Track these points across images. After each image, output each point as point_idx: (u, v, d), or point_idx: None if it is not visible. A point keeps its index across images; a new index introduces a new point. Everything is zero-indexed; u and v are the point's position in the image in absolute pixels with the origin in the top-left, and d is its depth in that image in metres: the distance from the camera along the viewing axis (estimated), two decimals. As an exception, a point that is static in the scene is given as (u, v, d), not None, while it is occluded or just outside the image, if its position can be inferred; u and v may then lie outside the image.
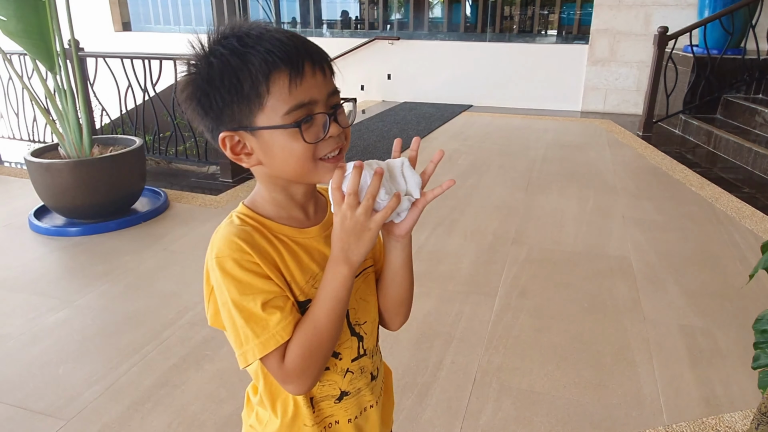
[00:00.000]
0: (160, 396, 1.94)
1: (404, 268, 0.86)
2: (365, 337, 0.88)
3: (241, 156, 0.76)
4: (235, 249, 0.73)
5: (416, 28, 8.57)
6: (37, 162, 3.21)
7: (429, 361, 2.12)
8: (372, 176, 0.71)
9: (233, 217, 0.79)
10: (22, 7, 2.99)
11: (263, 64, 0.69)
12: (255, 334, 0.72)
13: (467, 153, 5.14)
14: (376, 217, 0.72)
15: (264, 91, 0.70)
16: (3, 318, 2.44)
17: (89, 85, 4.51)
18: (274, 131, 0.72)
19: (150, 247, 3.13)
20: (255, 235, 0.76)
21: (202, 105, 0.73)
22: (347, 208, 0.71)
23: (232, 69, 0.70)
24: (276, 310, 0.73)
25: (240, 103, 0.71)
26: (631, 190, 4.03)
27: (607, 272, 2.81)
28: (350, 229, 0.72)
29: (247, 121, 0.72)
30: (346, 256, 0.73)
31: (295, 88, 0.70)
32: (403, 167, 0.77)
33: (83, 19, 8.94)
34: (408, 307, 0.92)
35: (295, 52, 0.71)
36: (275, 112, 0.71)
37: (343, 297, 0.75)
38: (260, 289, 0.73)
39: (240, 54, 0.70)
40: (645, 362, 2.11)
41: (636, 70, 6.81)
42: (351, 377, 0.87)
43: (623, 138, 5.65)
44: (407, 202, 0.77)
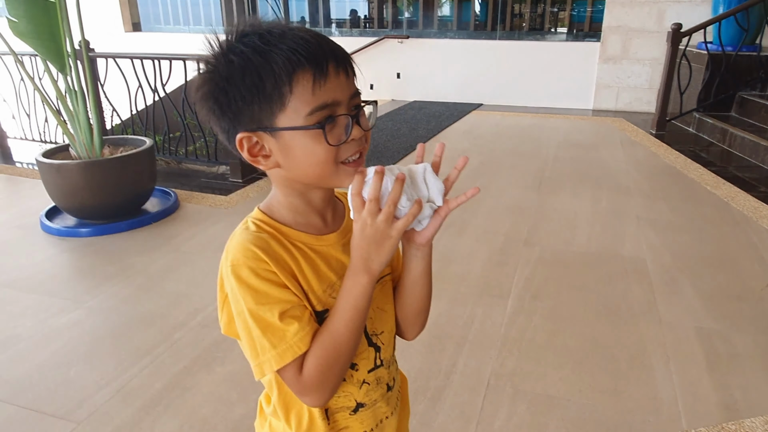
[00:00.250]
0: (171, 399, 1.93)
1: (424, 277, 0.84)
2: (382, 348, 0.86)
3: (259, 158, 0.73)
4: (251, 257, 0.71)
5: (426, 26, 8.53)
6: (48, 163, 3.21)
7: (441, 365, 2.09)
8: (393, 182, 0.69)
9: (249, 223, 0.77)
10: (33, 8, 2.99)
11: (287, 62, 0.67)
12: (272, 344, 0.70)
13: (478, 152, 5.10)
14: (397, 225, 0.70)
15: (287, 91, 0.67)
16: (15, 319, 2.44)
17: (100, 85, 4.52)
18: (295, 133, 0.69)
19: (160, 248, 3.12)
20: (271, 242, 0.73)
21: (220, 104, 0.71)
22: (368, 215, 0.69)
23: (253, 67, 0.67)
24: (294, 321, 0.70)
25: (261, 102, 0.68)
26: (645, 190, 3.98)
27: (621, 274, 2.76)
28: (371, 237, 0.70)
29: (268, 122, 0.70)
30: (366, 265, 0.71)
31: (318, 88, 0.68)
32: (425, 173, 0.75)
33: (93, 19, 9.00)
34: (426, 316, 0.90)
35: (319, 51, 0.68)
36: (297, 112, 0.68)
37: (362, 307, 0.72)
38: (277, 298, 0.70)
39: (262, 52, 0.67)
40: (662, 366, 2.07)
41: (649, 67, 6.73)
42: (367, 388, 0.84)
43: (636, 137, 5.59)
44: (429, 209, 0.74)
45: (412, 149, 5.18)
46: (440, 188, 0.75)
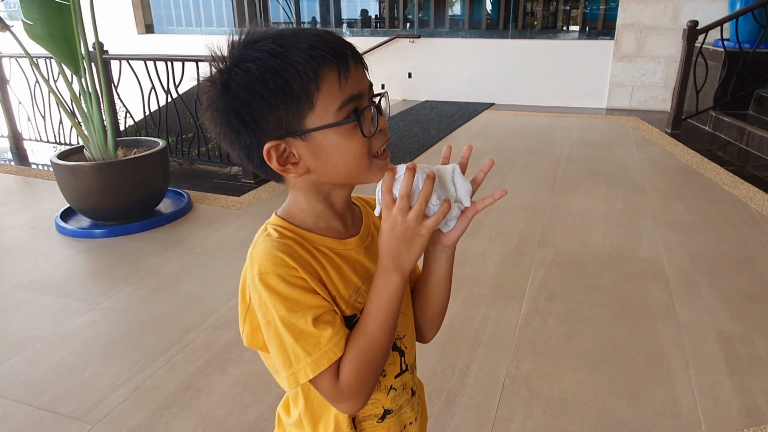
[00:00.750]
0: (184, 400, 1.93)
1: (446, 279, 0.83)
2: (406, 352, 0.85)
3: (288, 166, 0.71)
4: (279, 264, 0.68)
5: (437, 25, 8.50)
6: (63, 164, 3.24)
7: (456, 367, 2.07)
8: (424, 180, 0.69)
9: (269, 230, 0.74)
10: (48, 11, 3.02)
11: (310, 60, 0.65)
12: (306, 352, 0.68)
13: (490, 152, 5.06)
14: (427, 223, 0.69)
15: (314, 89, 0.66)
16: (31, 320, 2.46)
17: (113, 87, 4.55)
18: (326, 132, 0.68)
19: (174, 249, 3.13)
20: (296, 247, 0.71)
21: (241, 116, 0.68)
22: (398, 212, 0.68)
23: (274, 71, 0.65)
24: (327, 326, 0.69)
25: (288, 105, 0.66)
26: (661, 190, 3.92)
27: (638, 275, 2.72)
28: (401, 235, 0.69)
29: (297, 125, 0.68)
30: (396, 263, 0.70)
31: (344, 82, 0.67)
32: (454, 174, 0.75)
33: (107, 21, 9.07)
34: (443, 318, 0.89)
35: (338, 45, 0.68)
36: (327, 110, 0.67)
37: (395, 307, 0.71)
38: (309, 304, 0.69)
39: (279, 55, 0.65)
40: (681, 370, 2.03)
41: (664, 65, 6.65)
42: (394, 394, 0.83)
43: (651, 135, 5.52)
44: (457, 209, 0.74)
45: (424, 149, 5.16)
46: (468, 189, 0.75)
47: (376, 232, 0.81)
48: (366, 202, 0.87)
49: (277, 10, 9.89)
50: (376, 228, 0.82)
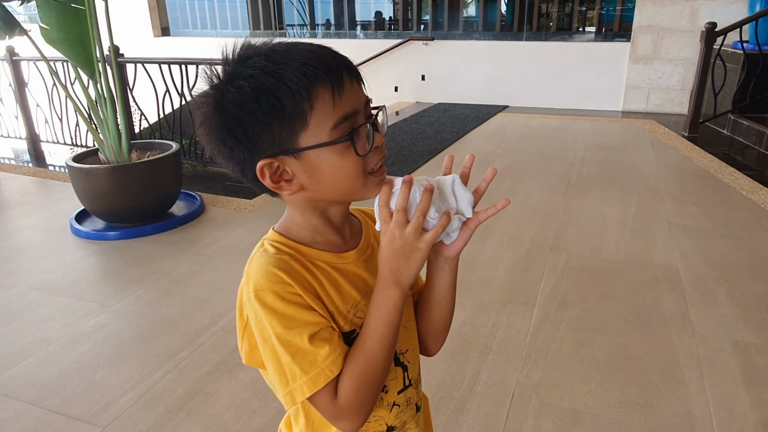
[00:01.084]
0: (193, 404, 1.93)
1: (450, 291, 0.82)
2: (409, 367, 0.83)
3: (282, 183, 0.70)
4: (274, 280, 0.68)
5: (451, 28, 8.48)
6: (78, 167, 3.27)
7: (465, 375, 2.05)
8: (422, 192, 0.68)
9: (266, 246, 0.74)
10: (64, 15, 3.05)
11: (303, 78, 0.64)
12: (303, 370, 0.67)
13: (503, 155, 5.03)
14: (426, 237, 0.68)
15: (307, 108, 0.64)
16: (44, 321, 2.49)
17: (129, 90, 4.60)
18: (320, 150, 0.66)
19: (185, 252, 3.15)
20: (293, 263, 0.70)
21: (234, 134, 0.67)
22: (396, 226, 0.67)
23: (267, 89, 0.64)
24: (324, 343, 0.68)
25: (281, 124, 0.65)
26: (677, 195, 3.86)
27: (652, 282, 2.68)
28: (399, 249, 0.68)
29: (290, 144, 0.66)
30: (395, 278, 0.69)
31: (338, 100, 0.65)
32: (454, 184, 0.73)
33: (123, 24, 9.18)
34: (448, 331, 0.87)
35: (332, 61, 0.66)
36: (321, 128, 0.66)
37: (395, 322, 0.70)
38: (305, 321, 0.68)
39: (272, 72, 0.64)
40: (695, 381, 1.99)
41: (681, 67, 6.55)
42: (398, 410, 0.82)
43: (667, 139, 5.44)
44: (458, 221, 0.73)
45: (437, 152, 5.14)
46: (470, 200, 0.74)
47: (376, 245, 0.79)
48: (366, 214, 0.86)
49: (291, 13, 9.94)
50: (376, 240, 0.81)
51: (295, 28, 10.10)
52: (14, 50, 5.16)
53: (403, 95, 8.10)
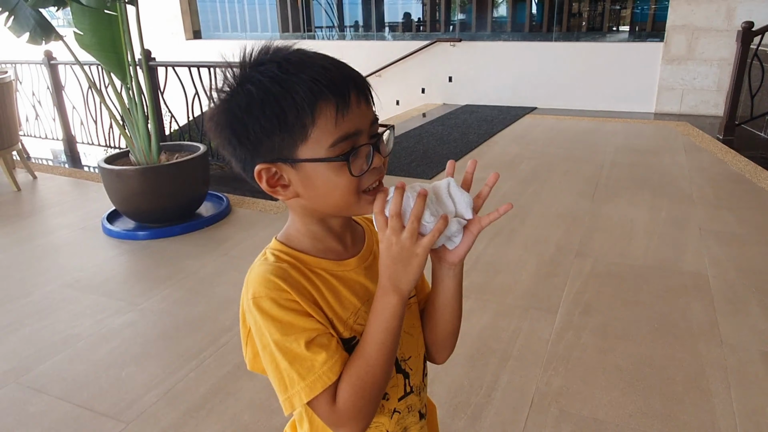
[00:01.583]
0: (214, 403, 1.97)
1: (455, 298, 0.81)
2: (411, 374, 0.84)
3: (278, 188, 0.72)
4: (272, 288, 0.69)
5: (479, 29, 8.42)
6: (109, 168, 3.37)
7: (483, 380, 2.03)
8: (415, 197, 0.68)
9: (267, 254, 0.76)
10: (97, 21, 3.15)
11: (309, 93, 0.65)
12: (300, 376, 0.68)
13: (530, 158, 4.97)
14: (422, 242, 0.68)
15: (309, 123, 0.66)
16: (75, 318, 2.57)
17: (160, 93, 4.71)
18: (317, 164, 0.68)
19: (211, 252, 3.21)
20: (291, 271, 0.72)
21: (238, 135, 0.69)
22: (392, 232, 0.68)
23: (273, 97, 0.66)
24: (321, 350, 0.69)
25: (282, 133, 0.67)
26: (710, 199, 3.75)
27: (680, 290, 2.61)
28: (397, 256, 0.68)
29: (288, 153, 0.68)
30: (395, 284, 0.69)
31: (341, 119, 0.66)
32: (449, 187, 0.73)
33: (157, 29, 9.42)
34: (455, 338, 0.87)
35: (341, 80, 0.67)
36: (320, 144, 0.67)
37: (394, 328, 0.71)
38: (302, 327, 0.69)
39: (282, 81, 0.66)
40: (722, 392, 1.93)
41: (717, 68, 6.37)
42: (398, 417, 0.82)
43: (701, 142, 5.29)
44: (457, 224, 0.72)
45: (463, 154, 5.11)
46: (467, 201, 0.73)
47: (378, 252, 0.80)
48: (370, 221, 0.86)
49: (320, 15, 10.02)
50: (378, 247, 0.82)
51: (323, 30, 10.18)
52: (52, 54, 5.34)
53: (430, 97, 8.09)
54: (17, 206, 4.16)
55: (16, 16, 3.46)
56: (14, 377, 2.15)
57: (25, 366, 2.22)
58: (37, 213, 4.09)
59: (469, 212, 0.73)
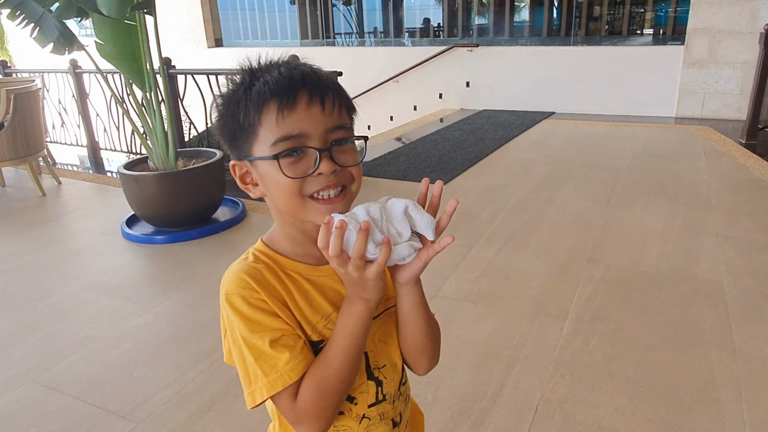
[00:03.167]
0: (221, 405, 2.01)
1: (414, 314, 0.81)
2: (384, 382, 0.84)
3: (249, 185, 0.78)
4: (243, 286, 0.73)
5: (497, 33, 8.40)
6: (128, 174, 3.46)
7: (489, 386, 2.03)
8: (357, 233, 0.66)
9: (249, 254, 0.79)
10: (117, 31, 3.24)
11: (257, 95, 0.71)
12: (264, 372, 0.71)
13: (545, 163, 4.94)
14: (371, 269, 0.68)
15: (256, 121, 0.71)
16: (92, 320, 2.64)
17: (179, 100, 4.82)
18: (265, 162, 0.72)
19: (225, 256, 3.27)
20: (265, 273, 0.75)
21: (223, 135, 0.77)
22: (338, 265, 0.69)
23: (236, 100, 0.73)
24: (285, 350, 0.72)
25: (241, 133, 0.73)
26: (729, 205, 3.68)
27: (693, 297, 2.57)
28: (352, 282, 0.71)
29: (246, 151, 0.74)
30: (360, 296, 0.72)
31: (281, 119, 0.70)
32: (408, 209, 0.72)
33: (180, 36, 9.61)
34: (431, 354, 0.86)
35: (289, 83, 0.71)
36: (265, 142, 0.71)
37: (358, 334, 0.72)
38: (268, 326, 0.72)
39: (247, 86, 0.72)
40: (732, 402, 1.90)
41: (740, 71, 6.25)
42: (368, 423, 0.83)
43: (723, 146, 5.19)
44: (408, 248, 0.71)
45: (478, 160, 5.10)
46: (429, 221, 0.72)
47: None
48: None
49: (339, 21, 10.10)
50: None
51: (343, 36, 10.27)
52: (77, 63, 5.50)
53: (448, 102, 8.09)
54: (41, 211, 4.29)
55: (41, 27, 3.59)
56: (32, 376, 2.22)
57: (42, 365, 2.29)
58: (60, 217, 4.22)
59: (431, 233, 0.72)
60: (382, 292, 0.72)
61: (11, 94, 4.34)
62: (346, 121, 0.74)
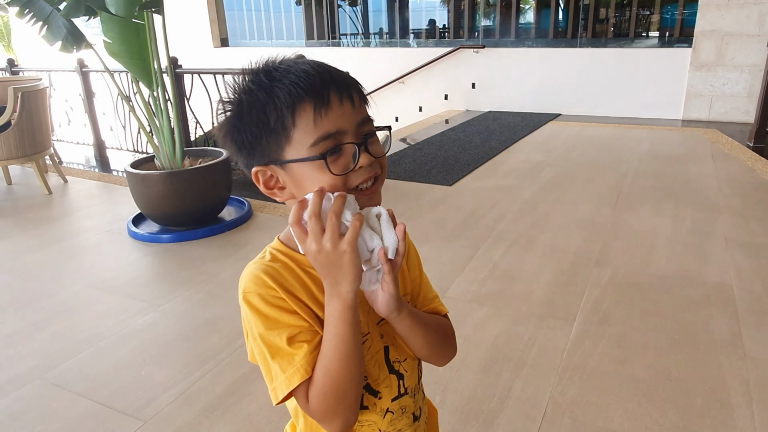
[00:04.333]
0: (228, 404, 2.00)
1: (411, 335, 0.80)
2: (406, 375, 0.85)
3: (275, 190, 0.76)
4: (260, 284, 0.73)
5: (503, 35, 8.38)
6: (134, 172, 3.46)
7: (496, 388, 2.02)
8: (334, 198, 0.67)
9: (266, 253, 0.79)
10: (125, 30, 3.25)
11: (288, 96, 0.69)
12: (282, 369, 0.71)
13: (552, 165, 4.92)
14: (346, 238, 0.66)
15: (290, 124, 0.70)
16: (98, 318, 2.64)
17: (186, 99, 4.82)
18: (303, 164, 0.71)
19: (231, 256, 3.26)
20: (282, 271, 0.75)
21: (236, 141, 0.74)
22: (312, 237, 0.67)
23: (259, 104, 0.70)
24: (303, 344, 0.72)
25: (268, 137, 0.71)
26: (737, 209, 3.66)
27: (703, 301, 2.55)
28: (325, 263, 0.67)
29: (276, 155, 0.72)
30: (336, 289, 0.69)
31: (320, 119, 0.69)
32: (381, 218, 0.70)
33: (186, 36, 9.63)
34: (442, 353, 0.87)
35: (319, 82, 0.70)
36: (302, 144, 0.70)
37: (344, 334, 0.70)
38: (286, 323, 0.72)
39: (267, 88, 0.70)
40: (743, 406, 1.88)
41: (747, 74, 6.22)
42: (391, 417, 0.83)
43: (730, 149, 5.17)
44: (373, 274, 0.71)
45: (483, 161, 5.09)
46: (394, 240, 0.69)
47: None
48: None
49: (345, 22, 10.11)
50: None
51: (348, 37, 10.27)
52: (84, 62, 5.52)
53: (453, 103, 8.08)
54: (48, 209, 4.30)
55: (49, 25, 3.60)
56: (39, 374, 2.22)
57: (50, 363, 2.29)
58: (66, 216, 4.22)
59: (392, 252, 0.70)
60: (356, 279, 0.68)
61: (18, 93, 4.35)
62: (368, 113, 0.75)
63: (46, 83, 4.84)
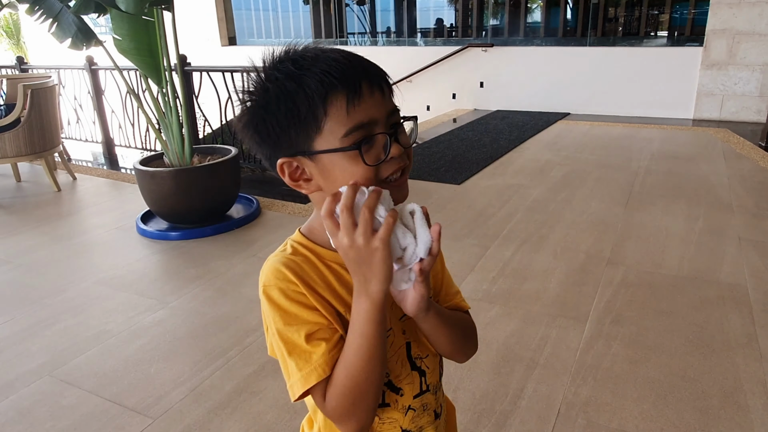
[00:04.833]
0: (238, 402, 1.99)
1: (435, 333, 0.78)
2: (428, 372, 0.83)
3: (300, 182, 0.73)
4: (281, 278, 0.71)
5: (511, 34, 8.35)
6: (143, 170, 3.46)
7: (509, 388, 2.00)
8: (369, 193, 0.64)
9: (287, 246, 0.77)
10: (135, 27, 3.24)
11: (320, 85, 0.66)
12: (298, 366, 0.69)
13: (561, 164, 4.89)
14: (378, 235, 0.64)
15: (321, 114, 0.67)
16: (108, 315, 2.63)
17: (194, 97, 4.82)
18: (333, 155, 0.68)
19: (240, 253, 3.25)
20: (304, 265, 0.73)
21: (260, 132, 0.71)
22: (344, 232, 0.64)
23: (288, 93, 0.68)
24: (322, 342, 0.70)
25: (297, 127, 0.68)
26: (750, 208, 3.62)
27: (717, 301, 2.52)
28: (356, 258, 0.65)
29: (305, 146, 0.70)
30: (365, 288, 0.67)
31: (353, 108, 0.67)
32: (415, 216, 0.68)
33: (194, 35, 9.64)
34: (465, 350, 0.85)
35: (351, 71, 0.67)
36: (333, 134, 0.68)
37: (370, 334, 0.68)
38: (305, 320, 0.70)
39: (295, 77, 0.67)
40: (759, 408, 1.85)
41: (759, 73, 6.16)
42: (413, 415, 0.81)
43: (742, 149, 5.11)
44: (404, 273, 0.68)
45: (492, 160, 5.06)
46: (426, 241, 0.67)
47: None
48: None
49: (352, 20, 10.10)
50: None
51: (356, 36, 10.26)
52: (93, 60, 5.53)
53: (461, 102, 8.05)
54: (57, 206, 4.31)
55: (59, 22, 3.60)
56: (48, 370, 2.21)
57: (59, 360, 2.28)
58: (75, 213, 4.23)
59: (424, 251, 0.67)
60: (388, 278, 0.66)
61: (28, 90, 4.36)
62: (395, 103, 0.73)
63: (56, 81, 4.84)
